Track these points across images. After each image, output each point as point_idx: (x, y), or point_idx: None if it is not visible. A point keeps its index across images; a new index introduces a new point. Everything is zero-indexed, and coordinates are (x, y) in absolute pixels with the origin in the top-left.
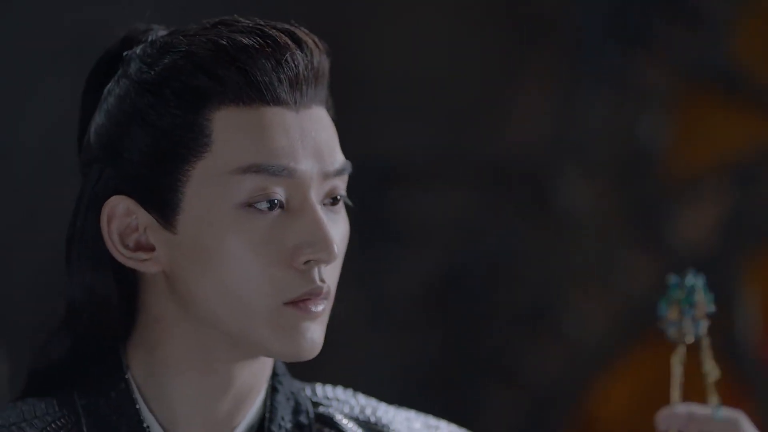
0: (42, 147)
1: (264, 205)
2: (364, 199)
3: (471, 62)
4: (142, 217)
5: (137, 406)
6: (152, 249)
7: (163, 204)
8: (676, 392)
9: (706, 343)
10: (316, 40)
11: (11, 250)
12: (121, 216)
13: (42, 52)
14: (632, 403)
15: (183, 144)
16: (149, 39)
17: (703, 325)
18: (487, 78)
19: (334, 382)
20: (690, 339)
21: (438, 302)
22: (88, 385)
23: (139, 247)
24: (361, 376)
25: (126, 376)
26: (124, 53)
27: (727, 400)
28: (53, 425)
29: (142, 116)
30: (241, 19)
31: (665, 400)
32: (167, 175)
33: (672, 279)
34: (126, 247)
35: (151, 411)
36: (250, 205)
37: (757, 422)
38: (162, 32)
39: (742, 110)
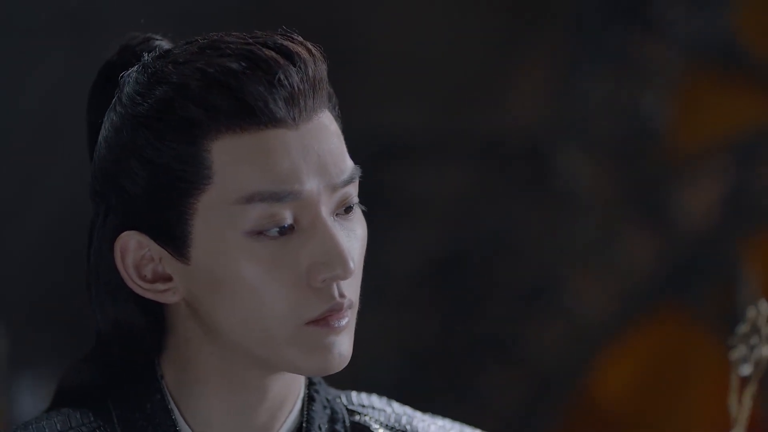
0: (39, 118)
1: (274, 231)
2: (362, 175)
3: (472, 39)
4: (155, 249)
5: (173, 417)
6: (170, 278)
7: (172, 237)
8: (740, 421)
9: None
10: (310, 46)
11: (7, 227)
12: (135, 250)
13: (37, 23)
14: (633, 381)
15: (184, 178)
16: (143, 60)
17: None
18: (488, 55)
19: None
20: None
21: (437, 280)
22: (123, 396)
23: (157, 277)
24: (358, 356)
25: (161, 388)
26: (120, 76)
27: (729, 378)
28: None
29: (140, 152)
30: (228, 39)
31: (665, 377)
32: (172, 210)
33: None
34: (143, 279)
35: (186, 422)
36: (259, 232)
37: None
38: (158, 42)
39: (744, 88)
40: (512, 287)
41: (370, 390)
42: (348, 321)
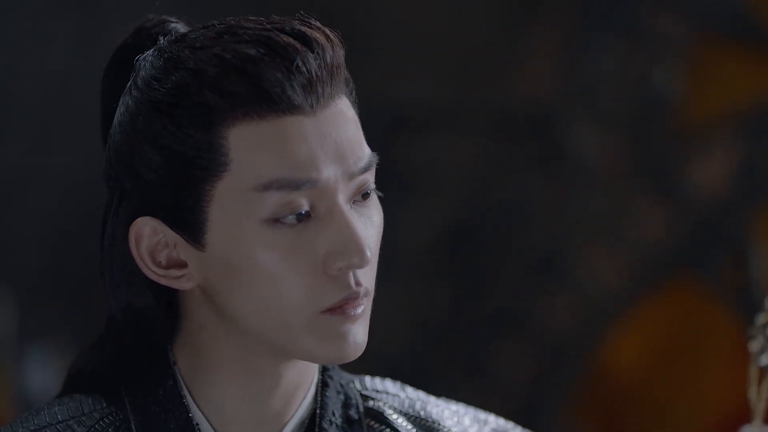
0: (48, 89)
1: (291, 219)
2: (374, 147)
3: (483, 11)
4: (170, 235)
5: (186, 403)
6: (185, 265)
7: (188, 224)
8: (758, 412)
9: None
10: (328, 32)
11: (17, 199)
12: (149, 236)
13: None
14: (644, 354)
15: (200, 165)
16: (158, 43)
17: None
18: (499, 28)
19: None
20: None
21: (448, 252)
22: (136, 383)
23: (172, 263)
24: (369, 329)
25: (174, 374)
26: (136, 59)
27: (741, 352)
28: (101, 423)
29: (155, 137)
30: (245, 24)
31: (676, 350)
32: (188, 197)
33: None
34: (158, 265)
35: (199, 409)
36: (276, 220)
37: None
38: (173, 24)
39: (756, 60)
40: (523, 260)
41: (381, 363)
42: (363, 309)
